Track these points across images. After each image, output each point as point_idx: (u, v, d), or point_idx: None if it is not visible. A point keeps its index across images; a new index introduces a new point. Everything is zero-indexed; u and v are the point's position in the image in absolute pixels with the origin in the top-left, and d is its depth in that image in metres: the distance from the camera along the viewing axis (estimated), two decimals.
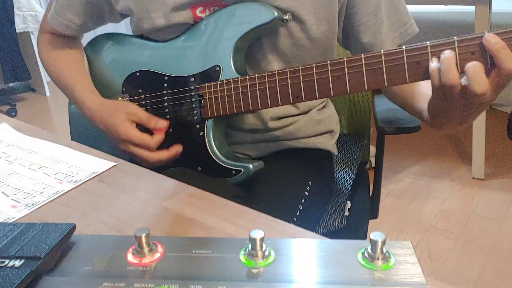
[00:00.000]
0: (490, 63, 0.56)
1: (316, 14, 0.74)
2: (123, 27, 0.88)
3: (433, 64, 0.58)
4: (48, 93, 3.47)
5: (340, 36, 0.82)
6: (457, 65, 0.57)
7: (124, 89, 0.84)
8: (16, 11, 3.01)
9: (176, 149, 0.77)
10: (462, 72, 0.57)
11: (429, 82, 0.60)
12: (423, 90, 0.72)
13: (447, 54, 0.57)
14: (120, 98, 0.83)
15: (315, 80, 0.67)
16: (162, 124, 0.77)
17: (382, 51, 0.62)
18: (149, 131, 0.77)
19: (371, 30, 0.76)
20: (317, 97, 0.68)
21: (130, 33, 0.87)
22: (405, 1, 0.79)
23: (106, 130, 0.78)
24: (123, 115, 0.75)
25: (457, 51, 0.58)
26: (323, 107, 0.91)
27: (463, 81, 0.56)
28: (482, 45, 0.56)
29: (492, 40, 0.55)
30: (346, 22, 0.79)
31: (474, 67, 0.54)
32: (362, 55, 0.63)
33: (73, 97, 0.84)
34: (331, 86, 0.66)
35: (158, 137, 0.76)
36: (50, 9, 0.88)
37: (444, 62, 0.56)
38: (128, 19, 0.86)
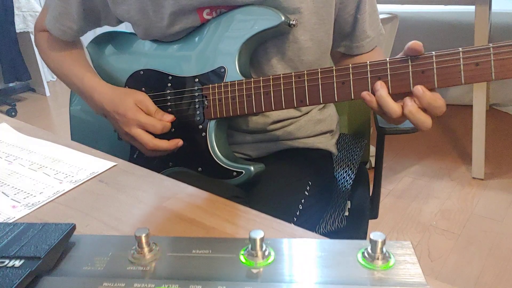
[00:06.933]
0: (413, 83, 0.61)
1: (318, 13, 0.75)
2: (123, 24, 0.88)
3: (368, 97, 0.63)
4: (48, 93, 3.47)
5: None
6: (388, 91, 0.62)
7: (126, 87, 0.84)
8: (16, 11, 3.01)
9: (176, 142, 0.77)
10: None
11: None
12: None
13: (379, 92, 0.61)
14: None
15: (320, 85, 0.67)
16: (167, 117, 0.78)
17: (388, 59, 0.62)
18: None
19: (358, 23, 0.80)
20: (321, 102, 0.68)
21: (130, 30, 0.87)
22: (404, 1, 0.80)
23: (114, 112, 0.78)
24: (132, 100, 0.77)
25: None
26: (324, 107, 0.91)
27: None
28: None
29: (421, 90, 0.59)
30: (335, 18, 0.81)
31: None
32: (368, 62, 0.63)
33: (82, 85, 0.84)
34: (335, 92, 0.66)
35: (165, 124, 0.77)
36: (45, 13, 0.87)
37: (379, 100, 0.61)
38: None
